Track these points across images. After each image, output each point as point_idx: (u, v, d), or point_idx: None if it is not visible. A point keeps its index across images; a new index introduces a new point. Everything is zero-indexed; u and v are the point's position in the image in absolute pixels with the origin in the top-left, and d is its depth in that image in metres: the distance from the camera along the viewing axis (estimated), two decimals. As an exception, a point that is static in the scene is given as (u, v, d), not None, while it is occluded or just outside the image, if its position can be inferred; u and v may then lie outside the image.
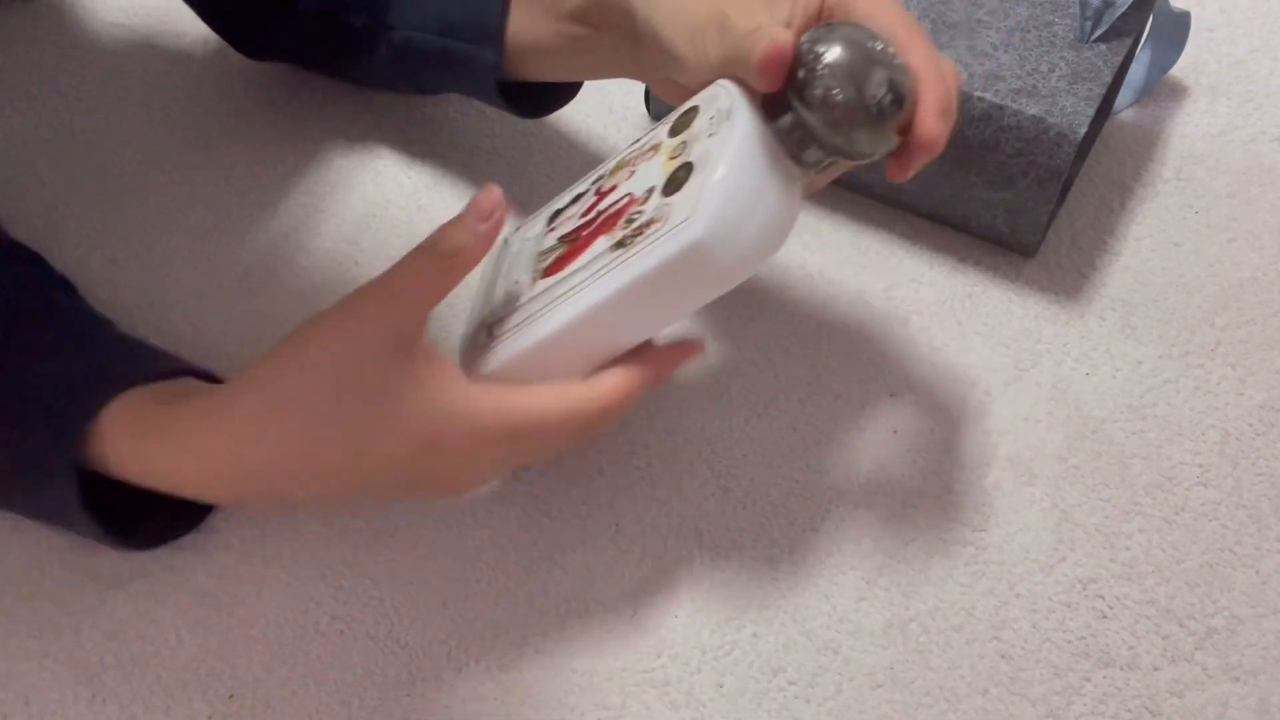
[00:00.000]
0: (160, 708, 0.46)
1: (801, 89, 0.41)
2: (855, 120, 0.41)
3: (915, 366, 0.56)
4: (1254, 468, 0.53)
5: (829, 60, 0.41)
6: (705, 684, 0.47)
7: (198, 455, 0.42)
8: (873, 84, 0.41)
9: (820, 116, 0.41)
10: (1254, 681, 0.47)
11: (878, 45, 0.42)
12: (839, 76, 0.41)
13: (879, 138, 0.42)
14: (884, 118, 0.41)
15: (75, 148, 0.65)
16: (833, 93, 0.41)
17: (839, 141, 0.42)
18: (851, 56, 0.41)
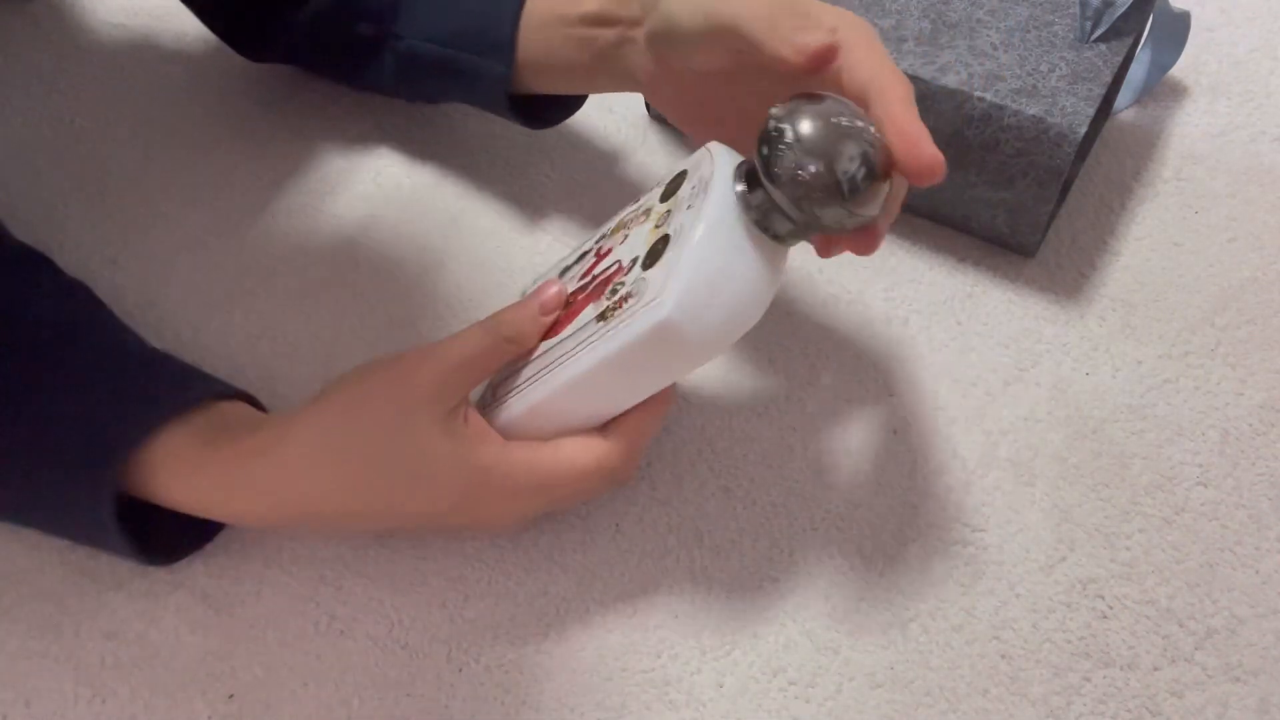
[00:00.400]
0: (160, 708, 0.46)
1: (769, 165, 0.40)
2: (824, 197, 0.40)
3: (915, 366, 0.56)
4: (1254, 468, 0.53)
5: (797, 135, 0.40)
6: (705, 684, 0.47)
7: (246, 491, 0.45)
8: (843, 159, 0.40)
9: (787, 193, 0.40)
10: (1254, 681, 0.47)
11: (848, 119, 0.40)
12: (807, 152, 0.40)
13: (848, 213, 0.41)
14: (855, 193, 0.40)
15: (75, 148, 0.65)
16: (800, 169, 0.40)
17: (808, 218, 0.41)
18: (821, 131, 0.40)
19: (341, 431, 0.44)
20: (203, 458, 0.45)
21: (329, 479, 0.44)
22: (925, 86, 0.56)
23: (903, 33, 0.58)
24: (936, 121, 0.56)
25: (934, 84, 0.56)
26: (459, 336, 0.46)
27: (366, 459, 0.44)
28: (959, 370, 0.56)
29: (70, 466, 0.44)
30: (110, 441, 0.44)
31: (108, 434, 0.45)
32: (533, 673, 0.47)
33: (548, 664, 0.47)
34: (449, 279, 0.60)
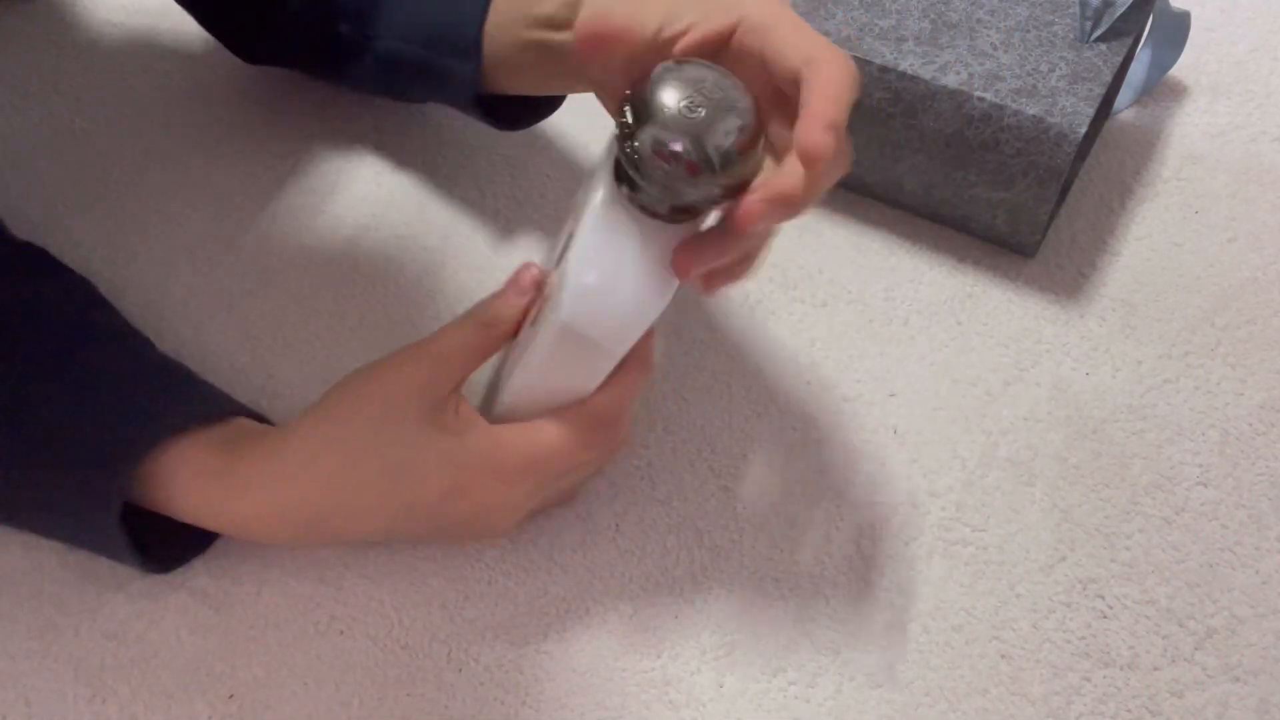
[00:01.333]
0: (160, 708, 0.46)
1: (627, 151, 0.38)
2: (687, 174, 0.38)
3: (915, 366, 0.56)
4: (1254, 468, 0.53)
5: (654, 109, 0.37)
6: (705, 684, 0.47)
7: (250, 499, 0.46)
8: (706, 133, 0.37)
9: (648, 176, 0.38)
10: (1254, 681, 0.47)
11: (709, 84, 0.38)
12: (663, 128, 0.37)
13: (715, 186, 0.38)
14: (726, 166, 0.38)
15: (75, 148, 0.65)
16: (658, 149, 0.37)
17: (675, 197, 0.39)
18: (676, 104, 0.37)
19: (334, 433, 0.45)
20: (209, 468, 0.45)
21: (325, 478, 0.45)
22: (925, 86, 0.56)
23: (903, 33, 0.58)
24: (936, 121, 0.56)
25: (934, 84, 0.56)
26: (441, 331, 0.47)
27: (358, 451, 0.45)
28: (959, 370, 0.56)
29: (78, 471, 0.45)
30: (119, 449, 0.45)
31: (117, 442, 0.45)
32: (533, 673, 0.47)
33: (548, 664, 0.47)
34: (449, 279, 0.60)
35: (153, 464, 0.45)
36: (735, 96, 0.38)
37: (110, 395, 0.47)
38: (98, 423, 0.45)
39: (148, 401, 0.47)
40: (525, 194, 0.63)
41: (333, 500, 0.45)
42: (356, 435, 0.45)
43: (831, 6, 0.59)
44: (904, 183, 0.60)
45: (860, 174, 0.61)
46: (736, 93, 0.39)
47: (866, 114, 0.58)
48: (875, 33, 0.58)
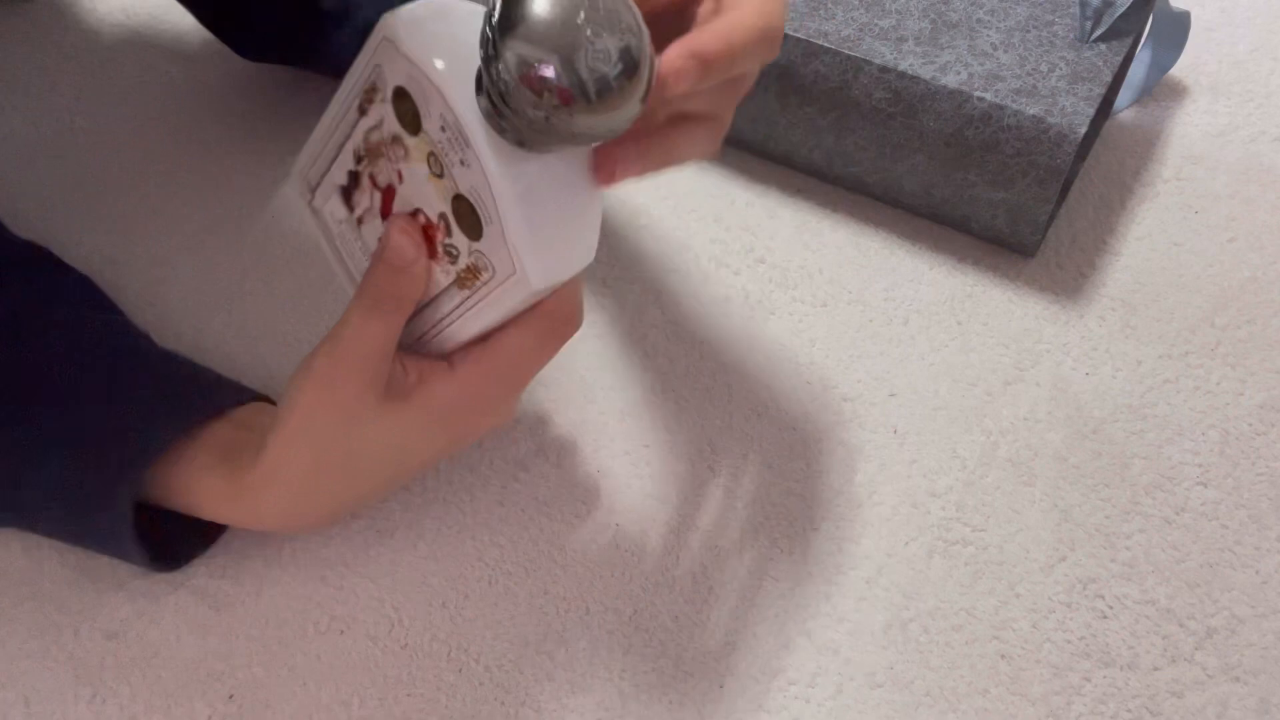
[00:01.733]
0: (160, 708, 0.46)
1: (492, 75, 0.32)
2: (565, 103, 0.32)
3: (915, 366, 0.56)
4: (1254, 468, 0.53)
5: (521, 28, 0.31)
6: (705, 684, 0.47)
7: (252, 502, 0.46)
8: (588, 56, 0.32)
9: (516, 105, 0.33)
10: (1254, 681, 0.47)
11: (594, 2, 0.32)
12: (536, 44, 0.31)
13: (601, 119, 0.33)
14: (604, 96, 0.32)
15: (75, 148, 0.65)
16: (529, 70, 0.32)
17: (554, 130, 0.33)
18: (551, 18, 0.31)
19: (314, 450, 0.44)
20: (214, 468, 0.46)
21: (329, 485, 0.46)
22: (925, 86, 0.56)
23: (903, 33, 0.58)
24: (936, 121, 0.56)
25: (934, 84, 0.56)
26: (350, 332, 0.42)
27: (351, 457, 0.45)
28: (959, 370, 0.56)
29: (88, 471, 0.45)
30: (130, 449, 0.45)
31: (127, 442, 0.45)
32: (533, 673, 0.47)
33: (548, 664, 0.47)
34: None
35: (162, 463, 0.45)
36: (627, 13, 0.33)
37: (119, 394, 0.47)
38: (108, 422, 0.46)
39: (156, 401, 0.47)
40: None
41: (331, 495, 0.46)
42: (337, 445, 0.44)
43: (831, 6, 0.59)
44: (904, 183, 0.60)
45: (860, 174, 0.61)
46: (619, 10, 0.33)
47: (866, 114, 0.58)
48: (875, 33, 0.58)
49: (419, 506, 0.51)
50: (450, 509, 0.51)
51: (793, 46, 0.58)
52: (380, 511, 0.51)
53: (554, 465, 0.53)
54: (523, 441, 0.54)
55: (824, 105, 0.59)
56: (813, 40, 0.58)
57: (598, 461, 0.53)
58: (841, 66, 0.57)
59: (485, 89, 0.34)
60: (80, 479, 0.45)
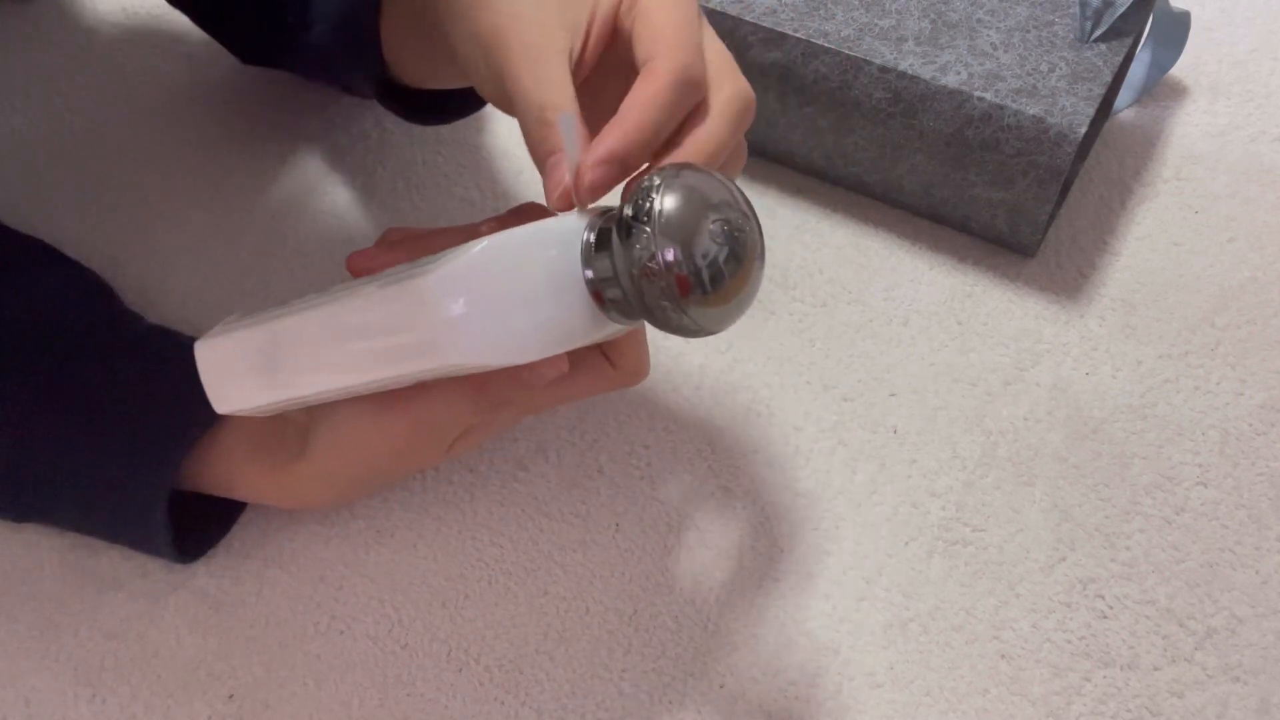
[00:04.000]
0: (160, 708, 0.46)
1: (627, 238, 0.34)
2: (676, 290, 0.34)
3: (915, 366, 0.56)
4: (1254, 468, 0.53)
5: (656, 215, 0.34)
6: (706, 684, 0.47)
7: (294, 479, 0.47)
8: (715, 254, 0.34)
9: (635, 279, 0.35)
10: (1254, 681, 0.47)
11: (719, 199, 0.35)
12: (668, 238, 0.34)
13: (709, 313, 0.35)
14: (716, 285, 0.34)
15: (75, 148, 0.65)
16: (655, 256, 0.34)
17: (645, 308, 0.35)
18: (682, 214, 0.34)
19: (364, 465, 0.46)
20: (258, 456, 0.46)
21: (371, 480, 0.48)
22: (925, 86, 0.56)
23: (903, 33, 0.58)
24: (936, 121, 0.56)
25: (934, 84, 0.56)
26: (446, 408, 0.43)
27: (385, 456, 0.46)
28: (959, 370, 0.56)
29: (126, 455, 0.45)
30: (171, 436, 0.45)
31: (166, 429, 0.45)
32: (533, 673, 0.47)
33: (548, 664, 0.47)
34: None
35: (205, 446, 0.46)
36: (740, 218, 0.35)
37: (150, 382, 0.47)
38: (142, 410, 0.46)
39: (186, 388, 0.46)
40: (525, 194, 0.63)
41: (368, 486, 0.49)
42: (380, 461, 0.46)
43: (831, 6, 0.59)
44: (904, 183, 0.60)
45: (860, 174, 0.61)
46: (742, 213, 0.35)
47: (866, 114, 0.58)
48: (875, 33, 0.58)
49: (419, 506, 0.51)
50: (450, 509, 0.51)
51: (793, 46, 0.58)
52: (380, 511, 0.51)
53: (554, 465, 0.53)
54: (523, 441, 0.54)
55: (824, 105, 0.59)
56: (813, 40, 0.58)
57: (598, 462, 0.53)
58: (841, 66, 0.57)
59: (614, 265, 0.35)
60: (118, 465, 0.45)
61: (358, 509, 0.51)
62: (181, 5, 0.65)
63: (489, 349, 0.35)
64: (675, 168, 0.35)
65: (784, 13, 0.59)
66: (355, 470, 0.46)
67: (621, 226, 0.35)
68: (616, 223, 0.35)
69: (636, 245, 0.34)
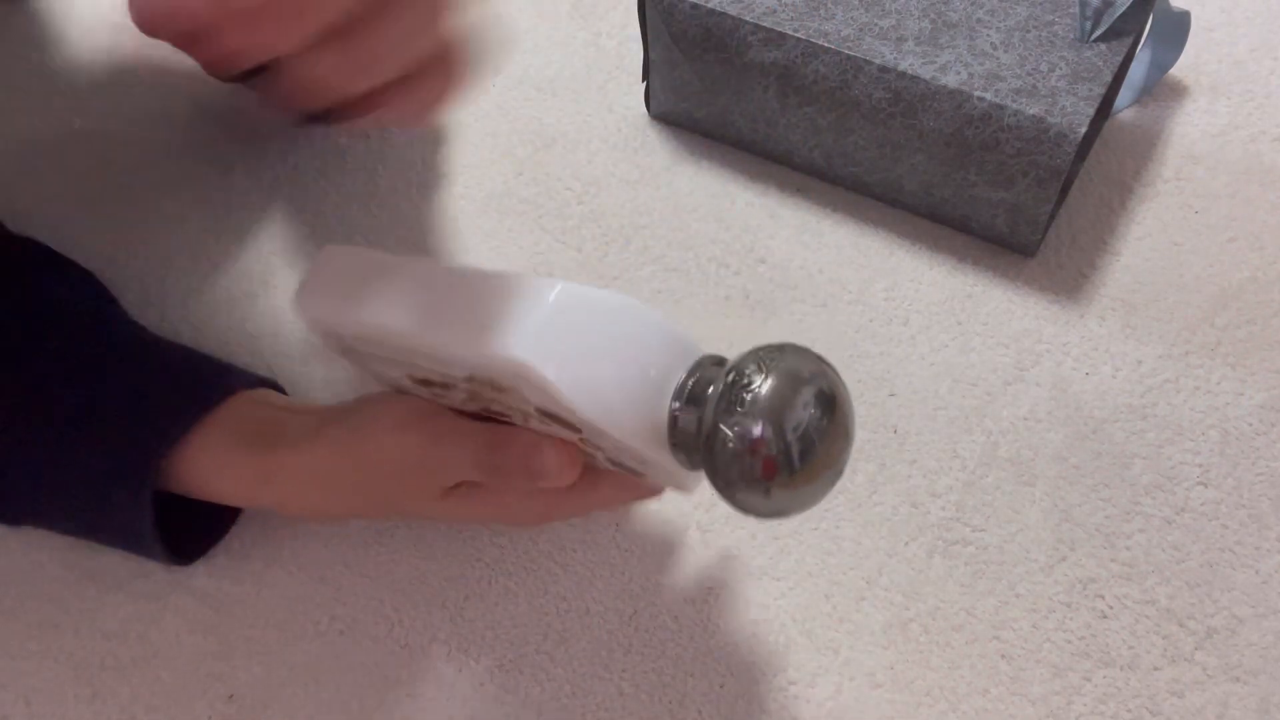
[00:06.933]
0: (160, 708, 0.46)
1: (718, 418, 0.35)
2: (761, 471, 0.35)
3: (915, 366, 0.56)
4: (1254, 468, 0.53)
5: (751, 397, 0.35)
6: (705, 684, 0.47)
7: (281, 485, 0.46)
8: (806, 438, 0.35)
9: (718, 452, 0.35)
10: (1254, 681, 0.47)
11: (808, 376, 0.36)
12: (759, 420, 0.34)
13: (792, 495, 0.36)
14: (805, 462, 0.35)
15: (75, 148, 0.65)
16: (746, 436, 0.35)
17: (728, 483, 0.36)
18: (773, 397, 0.34)
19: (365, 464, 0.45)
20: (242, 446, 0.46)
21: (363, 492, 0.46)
22: (925, 86, 0.56)
23: (903, 33, 0.58)
24: (936, 121, 0.56)
25: (934, 84, 0.56)
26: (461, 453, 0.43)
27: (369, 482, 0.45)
28: (959, 370, 0.56)
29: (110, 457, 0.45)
30: (153, 433, 0.45)
31: (150, 426, 0.45)
32: (533, 673, 0.47)
33: (548, 664, 0.47)
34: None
35: (184, 447, 0.45)
36: (832, 392, 0.36)
37: (135, 382, 0.47)
38: (127, 409, 0.46)
39: (171, 387, 0.47)
40: (525, 194, 0.63)
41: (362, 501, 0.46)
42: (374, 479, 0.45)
43: (831, 6, 0.59)
44: (904, 183, 0.60)
45: (860, 174, 0.61)
46: (833, 386, 0.36)
47: (866, 114, 0.58)
48: (875, 33, 0.58)
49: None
50: (450, 509, 0.51)
51: (793, 46, 0.58)
52: (380, 511, 0.51)
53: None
54: (523, 441, 0.54)
55: (824, 105, 0.59)
56: (813, 40, 0.58)
57: (598, 461, 0.53)
58: (841, 66, 0.57)
59: (701, 437, 0.36)
60: (100, 467, 0.45)
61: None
62: None
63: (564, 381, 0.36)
64: (778, 349, 0.36)
65: (784, 13, 0.59)
66: (349, 474, 0.45)
67: (722, 393, 0.35)
68: (718, 386, 0.36)
69: (729, 420, 0.35)
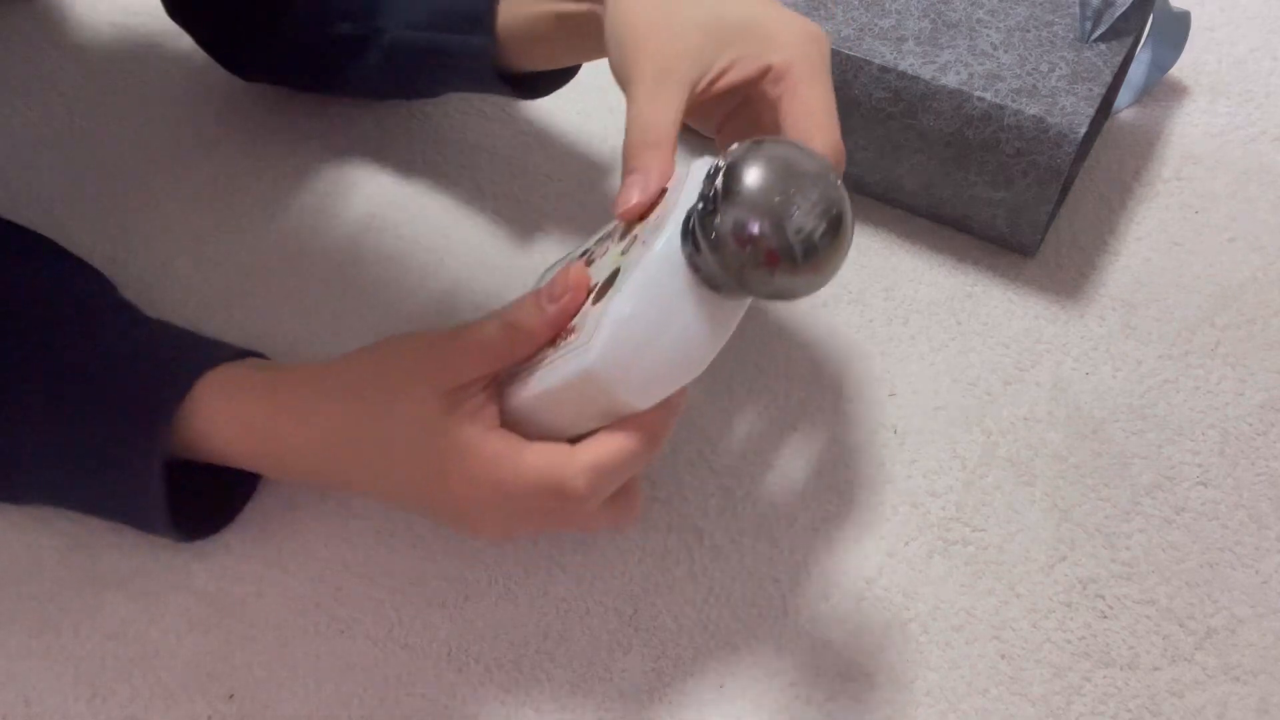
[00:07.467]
0: (160, 708, 0.46)
1: (704, 221, 0.36)
2: (763, 262, 0.36)
3: (915, 366, 0.56)
4: (1254, 468, 0.53)
5: (738, 187, 0.35)
6: (705, 684, 0.47)
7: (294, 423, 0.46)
8: (792, 218, 0.35)
9: (722, 257, 0.36)
10: (1254, 681, 0.47)
11: (809, 166, 0.36)
12: (751, 208, 0.35)
13: (799, 281, 0.36)
14: (809, 257, 0.36)
15: (75, 148, 0.65)
16: (740, 228, 0.35)
17: (745, 283, 0.37)
18: (767, 184, 0.35)
19: (342, 381, 0.45)
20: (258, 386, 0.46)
21: (322, 419, 0.45)
22: (925, 86, 0.56)
23: (903, 33, 0.58)
24: (936, 121, 0.56)
25: (934, 84, 0.56)
26: (471, 325, 0.45)
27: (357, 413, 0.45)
28: (959, 370, 0.56)
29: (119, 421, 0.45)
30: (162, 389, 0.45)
31: (158, 383, 0.45)
32: (533, 673, 0.47)
33: (548, 664, 0.47)
34: (449, 279, 0.60)
35: (194, 401, 0.45)
36: (826, 185, 0.36)
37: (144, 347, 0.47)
38: (134, 371, 0.46)
39: (178, 349, 0.48)
40: (525, 194, 0.63)
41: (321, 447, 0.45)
42: (361, 399, 0.45)
43: (831, 6, 0.59)
44: (904, 183, 0.60)
45: (860, 174, 0.61)
46: (827, 181, 0.37)
47: (866, 114, 0.58)
48: (875, 33, 0.58)
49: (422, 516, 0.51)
50: (450, 509, 0.51)
51: (793, 46, 0.58)
52: (380, 511, 0.51)
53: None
54: (523, 441, 0.54)
55: (824, 105, 0.59)
56: (813, 40, 0.58)
57: (598, 461, 0.53)
58: (841, 66, 0.57)
59: (694, 238, 0.38)
60: (107, 433, 0.45)
61: (357, 508, 0.51)
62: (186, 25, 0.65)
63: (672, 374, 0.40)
64: (755, 140, 0.37)
65: (784, 13, 0.59)
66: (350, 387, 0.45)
67: (706, 202, 0.37)
68: (703, 198, 0.37)
69: (716, 218, 0.36)
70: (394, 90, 0.64)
